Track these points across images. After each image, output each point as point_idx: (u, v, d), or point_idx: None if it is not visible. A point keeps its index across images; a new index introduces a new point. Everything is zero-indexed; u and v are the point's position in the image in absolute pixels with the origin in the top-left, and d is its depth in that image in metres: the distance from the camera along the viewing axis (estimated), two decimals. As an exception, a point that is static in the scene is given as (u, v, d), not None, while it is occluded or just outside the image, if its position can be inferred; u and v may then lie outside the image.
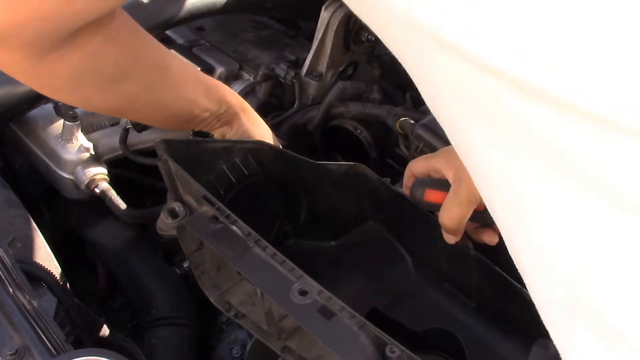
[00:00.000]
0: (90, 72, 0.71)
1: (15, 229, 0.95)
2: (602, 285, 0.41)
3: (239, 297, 0.78)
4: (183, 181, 0.75)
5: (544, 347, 0.68)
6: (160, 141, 0.75)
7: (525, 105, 0.38)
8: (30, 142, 1.11)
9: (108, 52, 0.70)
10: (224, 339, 0.96)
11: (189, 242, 0.76)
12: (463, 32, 0.38)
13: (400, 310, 0.85)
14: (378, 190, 0.87)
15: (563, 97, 0.37)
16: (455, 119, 0.45)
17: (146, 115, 0.85)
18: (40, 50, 0.64)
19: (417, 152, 0.97)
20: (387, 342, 0.62)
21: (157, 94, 0.80)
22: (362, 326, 0.63)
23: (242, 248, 0.69)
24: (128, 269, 1.05)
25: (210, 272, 0.78)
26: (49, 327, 0.75)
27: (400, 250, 0.90)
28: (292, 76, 1.15)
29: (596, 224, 0.40)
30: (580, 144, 0.38)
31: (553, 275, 0.44)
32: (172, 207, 0.75)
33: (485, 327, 0.82)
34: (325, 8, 1.11)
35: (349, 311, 0.64)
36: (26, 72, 0.67)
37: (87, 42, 0.67)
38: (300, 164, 0.87)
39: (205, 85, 0.85)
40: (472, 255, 0.79)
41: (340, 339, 0.63)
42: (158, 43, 0.79)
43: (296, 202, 0.91)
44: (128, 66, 0.74)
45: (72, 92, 0.73)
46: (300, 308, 0.64)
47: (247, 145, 0.85)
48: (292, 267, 0.67)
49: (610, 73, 0.35)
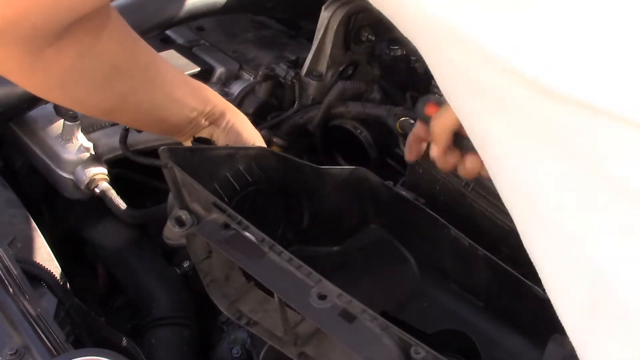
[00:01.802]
0: (86, 69, 0.70)
1: (15, 229, 0.95)
2: (625, 284, 0.41)
3: (250, 305, 0.77)
4: (190, 188, 0.74)
5: (560, 343, 0.68)
6: (164, 149, 0.75)
7: (546, 105, 0.39)
8: (30, 142, 1.11)
9: (103, 50, 0.70)
10: (224, 339, 0.96)
11: (198, 251, 0.75)
12: (486, 32, 0.38)
13: (408, 313, 0.85)
14: (380, 194, 0.87)
15: (582, 96, 0.37)
16: (476, 116, 0.46)
17: (137, 118, 0.84)
18: (36, 45, 0.63)
19: (417, 152, 0.97)
20: (412, 344, 0.62)
21: (149, 94, 0.80)
22: (385, 328, 0.62)
23: (257, 254, 0.68)
24: (128, 269, 1.05)
25: (219, 280, 0.77)
26: (49, 327, 0.75)
27: (405, 253, 0.90)
28: (292, 76, 1.15)
29: (618, 222, 0.40)
30: (602, 143, 0.38)
31: (573, 274, 0.44)
32: (179, 215, 0.74)
33: (495, 326, 0.82)
34: (325, 8, 1.11)
35: (370, 313, 0.63)
36: (21, 69, 0.66)
37: (82, 38, 0.67)
38: (303, 169, 0.87)
39: (191, 86, 0.86)
40: (480, 255, 0.79)
41: (364, 342, 0.62)
42: (147, 44, 0.79)
43: (299, 208, 0.91)
44: (122, 65, 0.74)
45: (66, 91, 0.73)
46: (320, 312, 0.63)
47: (251, 151, 0.85)
48: (310, 271, 0.66)
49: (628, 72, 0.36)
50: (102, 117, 1.03)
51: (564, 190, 0.42)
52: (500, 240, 0.89)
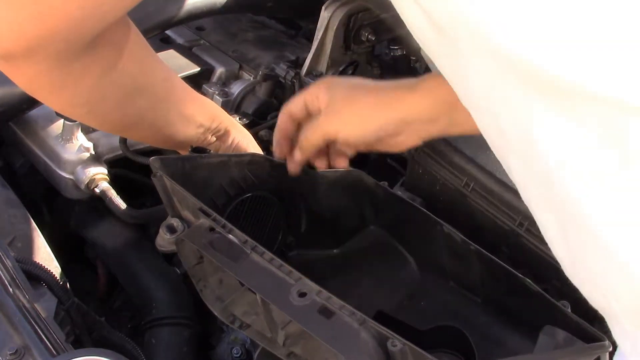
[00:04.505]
0: (111, 85, 0.70)
1: (15, 229, 0.95)
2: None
3: (242, 308, 0.78)
4: (180, 197, 0.75)
5: (551, 334, 0.68)
6: (155, 158, 0.75)
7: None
8: (30, 142, 1.11)
9: (126, 65, 0.70)
10: (224, 339, 0.96)
11: (189, 256, 0.76)
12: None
13: (407, 312, 0.85)
14: (376, 195, 0.87)
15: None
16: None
17: (150, 134, 0.84)
18: (67, 59, 0.63)
19: (417, 152, 0.97)
20: (389, 337, 0.62)
21: (163, 111, 0.80)
22: (363, 323, 0.63)
23: (240, 255, 0.69)
24: (128, 269, 1.05)
25: (212, 285, 0.78)
26: (49, 327, 0.75)
27: (404, 253, 0.90)
28: (292, 76, 1.15)
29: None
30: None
31: (627, 280, 0.46)
32: (171, 223, 0.76)
33: (492, 321, 0.82)
34: (325, 8, 1.11)
35: (348, 309, 0.64)
36: (52, 85, 0.66)
37: (107, 54, 0.67)
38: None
39: (200, 102, 0.86)
40: (472, 250, 0.79)
41: (341, 337, 0.63)
42: (161, 60, 0.79)
43: (296, 212, 0.91)
44: (143, 80, 0.74)
45: (91, 108, 0.73)
46: (300, 309, 0.64)
47: (244, 158, 0.85)
48: (290, 270, 0.67)
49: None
50: (120, 133, 1.02)
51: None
52: (500, 240, 0.89)
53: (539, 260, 0.85)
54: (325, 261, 0.92)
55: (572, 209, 0.47)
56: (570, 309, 0.71)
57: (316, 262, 0.92)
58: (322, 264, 0.91)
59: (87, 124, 1.02)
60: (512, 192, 0.87)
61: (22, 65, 0.61)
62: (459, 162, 0.92)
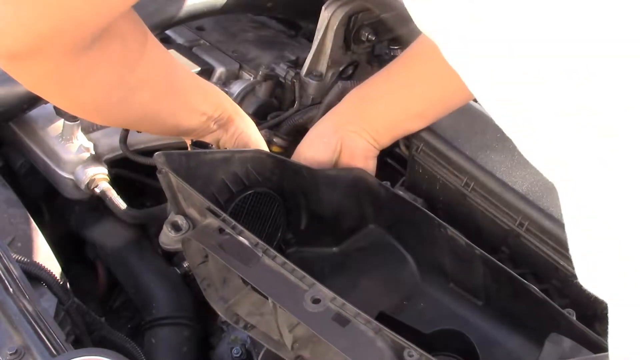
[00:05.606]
0: (118, 79, 0.70)
1: (15, 229, 0.95)
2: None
3: (247, 308, 0.77)
4: (185, 194, 0.74)
5: (557, 342, 0.68)
6: (159, 154, 0.75)
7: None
8: (30, 142, 1.11)
9: (131, 59, 0.70)
10: (224, 339, 0.96)
11: (194, 255, 0.75)
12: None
13: (407, 313, 0.85)
14: (378, 194, 0.87)
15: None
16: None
17: (154, 125, 0.85)
18: (72, 56, 0.62)
19: (417, 152, 0.97)
20: (405, 346, 0.62)
21: (166, 102, 0.80)
22: (379, 331, 0.63)
23: (251, 258, 0.68)
24: (128, 269, 1.05)
25: (216, 284, 0.77)
26: (49, 327, 0.75)
27: (403, 253, 0.90)
28: (292, 76, 1.15)
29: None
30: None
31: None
32: (175, 220, 0.74)
33: (493, 325, 0.82)
34: (325, 8, 1.11)
35: (363, 317, 0.63)
36: (59, 83, 0.66)
37: (113, 49, 0.67)
38: (299, 171, 0.87)
39: (204, 91, 0.86)
40: (477, 254, 0.79)
41: (357, 345, 0.62)
42: (166, 50, 0.79)
43: (296, 210, 0.91)
44: (146, 72, 0.74)
45: (98, 105, 0.72)
46: (314, 316, 0.63)
47: (247, 154, 0.85)
48: (303, 275, 0.66)
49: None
50: (123, 126, 1.03)
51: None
52: (500, 240, 0.89)
53: (539, 260, 0.85)
54: (325, 260, 0.92)
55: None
56: (575, 317, 0.71)
57: (315, 260, 0.92)
58: (321, 262, 0.91)
59: (92, 121, 1.02)
60: (512, 192, 0.87)
61: (28, 64, 0.60)
62: (459, 162, 0.92)
